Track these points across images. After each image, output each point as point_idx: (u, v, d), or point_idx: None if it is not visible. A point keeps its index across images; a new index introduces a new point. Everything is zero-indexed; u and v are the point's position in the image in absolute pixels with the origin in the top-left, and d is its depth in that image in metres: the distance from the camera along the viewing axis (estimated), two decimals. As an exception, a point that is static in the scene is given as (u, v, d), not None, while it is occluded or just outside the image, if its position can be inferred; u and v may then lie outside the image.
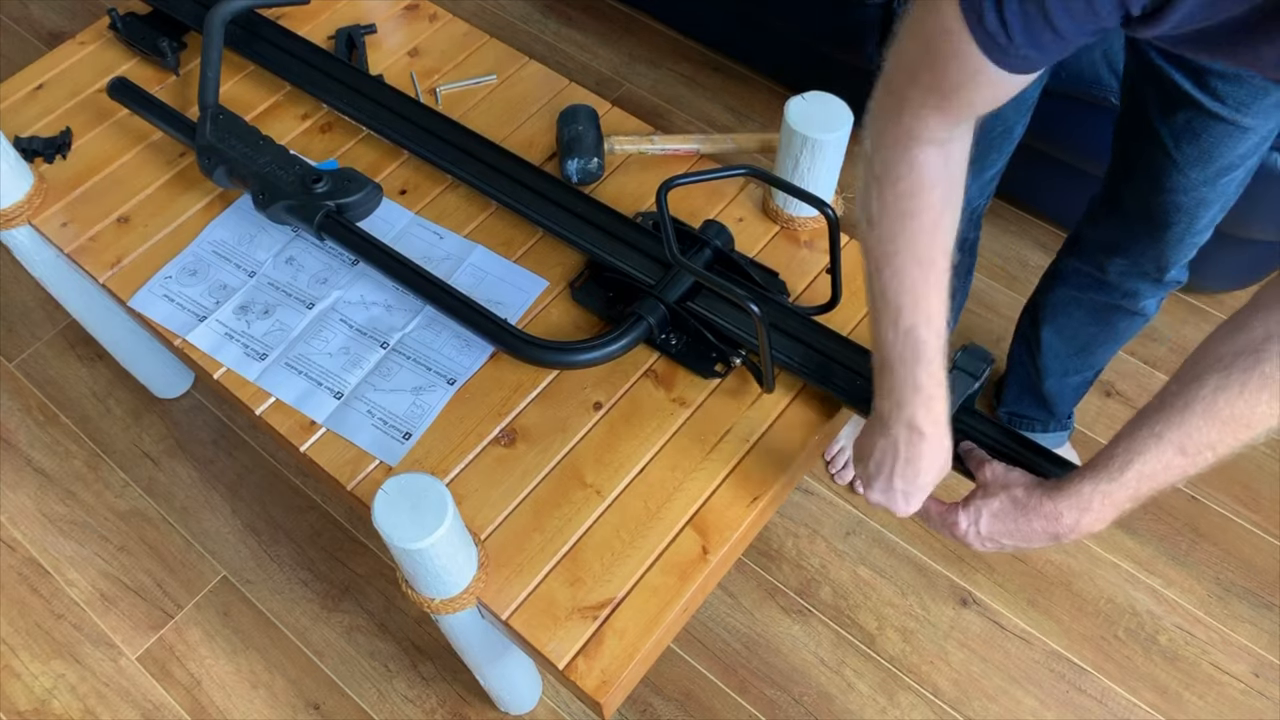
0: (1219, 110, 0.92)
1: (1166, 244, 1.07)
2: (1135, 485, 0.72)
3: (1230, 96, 0.90)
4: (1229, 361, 0.69)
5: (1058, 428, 1.45)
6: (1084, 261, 1.20)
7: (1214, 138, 0.94)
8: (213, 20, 1.18)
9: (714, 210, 1.12)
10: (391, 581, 1.41)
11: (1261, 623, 1.34)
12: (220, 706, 1.32)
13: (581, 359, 0.96)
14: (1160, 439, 0.71)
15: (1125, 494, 0.72)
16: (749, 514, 0.92)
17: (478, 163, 1.11)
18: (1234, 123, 0.92)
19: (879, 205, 0.70)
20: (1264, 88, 0.88)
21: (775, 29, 1.77)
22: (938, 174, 0.68)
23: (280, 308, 1.06)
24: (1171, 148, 0.98)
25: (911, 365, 0.73)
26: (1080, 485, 0.74)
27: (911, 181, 0.68)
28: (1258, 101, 0.90)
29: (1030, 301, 1.35)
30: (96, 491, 1.50)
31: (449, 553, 0.81)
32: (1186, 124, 0.95)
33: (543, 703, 1.31)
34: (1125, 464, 0.71)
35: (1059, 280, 1.25)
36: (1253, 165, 0.99)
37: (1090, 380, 1.38)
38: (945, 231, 0.70)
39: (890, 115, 0.66)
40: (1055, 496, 0.75)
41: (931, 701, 1.30)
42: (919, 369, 0.73)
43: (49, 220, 1.15)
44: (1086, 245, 1.19)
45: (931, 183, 0.68)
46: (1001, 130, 1.09)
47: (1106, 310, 1.22)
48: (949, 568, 1.40)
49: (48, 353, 1.64)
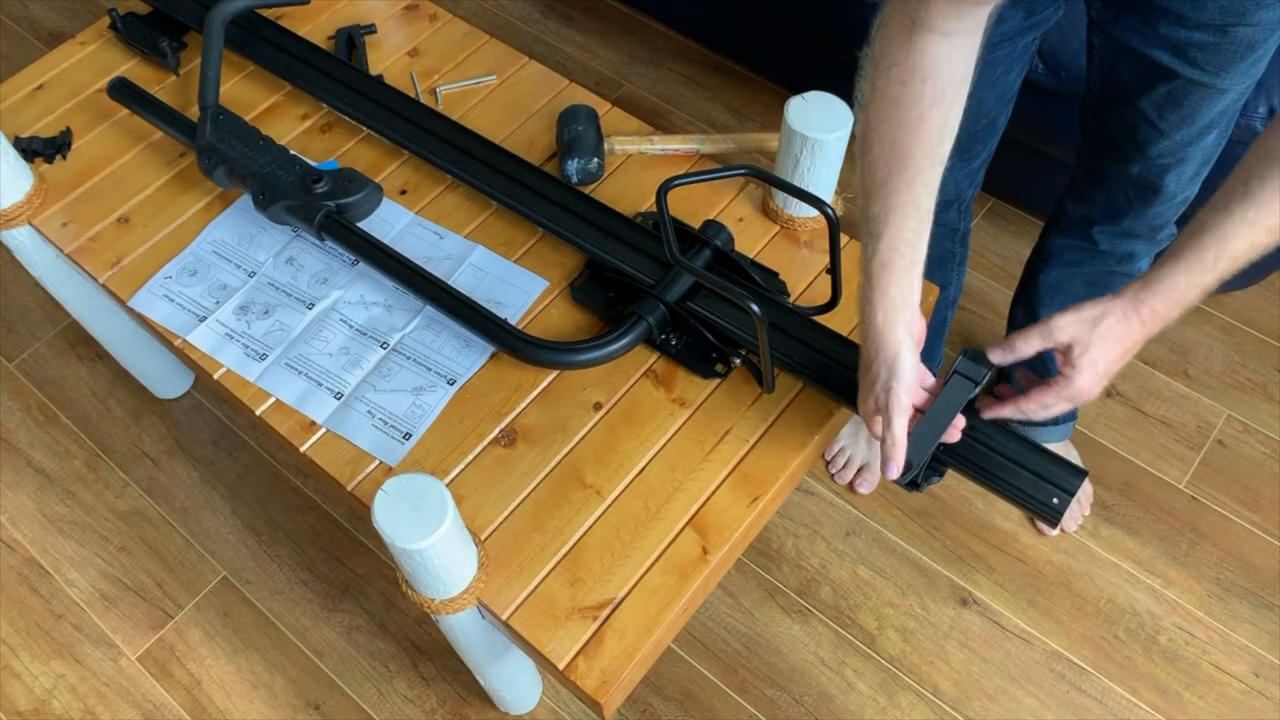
0: (1199, 77, 0.93)
1: (1158, 204, 1.09)
2: (1225, 269, 0.75)
3: (1210, 63, 0.91)
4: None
5: (1064, 419, 1.45)
6: (1072, 237, 1.21)
7: (1195, 101, 0.96)
8: (213, 20, 1.18)
9: (714, 210, 1.12)
10: (391, 581, 1.41)
11: (1261, 623, 1.34)
12: (220, 706, 1.32)
13: (581, 359, 0.96)
14: (1254, 224, 0.72)
15: (1213, 278, 0.75)
16: (749, 514, 0.92)
17: (478, 163, 1.11)
18: (1213, 86, 0.94)
19: (870, 88, 0.69)
20: (1241, 49, 0.90)
21: (775, 29, 1.77)
22: (934, 65, 0.66)
23: (280, 308, 1.06)
24: (1155, 118, 0.99)
25: (869, 261, 0.75)
26: (1174, 280, 0.76)
27: (906, 68, 0.67)
28: (1236, 63, 0.91)
29: (1020, 292, 1.35)
30: (96, 491, 1.50)
31: (449, 553, 0.81)
32: (1168, 95, 0.96)
33: (543, 703, 1.31)
34: (1219, 254, 0.74)
35: (1049, 262, 1.26)
36: (1230, 120, 1.01)
37: None
38: (930, 130, 0.69)
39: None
40: (1149, 298, 0.77)
41: (931, 701, 1.30)
42: (877, 270, 0.75)
43: (49, 220, 1.15)
44: (1073, 220, 1.20)
45: (925, 73, 0.67)
46: (985, 123, 1.10)
47: (1104, 278, 1.23)
48: (949, 568, 1.40)
49: (48, 353, 1.64)
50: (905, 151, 0.70)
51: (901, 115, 0.69)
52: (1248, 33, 0.88)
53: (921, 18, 0.64)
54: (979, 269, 1.68)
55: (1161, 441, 1.50)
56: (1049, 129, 1.45)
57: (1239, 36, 0.89)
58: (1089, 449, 1.50)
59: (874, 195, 0.72)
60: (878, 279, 0.76)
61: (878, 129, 0.70)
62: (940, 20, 0.64)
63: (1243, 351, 1.59)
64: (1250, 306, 1.63)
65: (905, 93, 0.68)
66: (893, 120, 0.69)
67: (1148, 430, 1.52)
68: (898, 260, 0.75)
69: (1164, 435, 1.51)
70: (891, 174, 0.71)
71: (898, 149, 0.70)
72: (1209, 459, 1.48)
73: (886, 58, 0.67)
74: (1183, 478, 1.47)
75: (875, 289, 0.77)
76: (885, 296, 0.77)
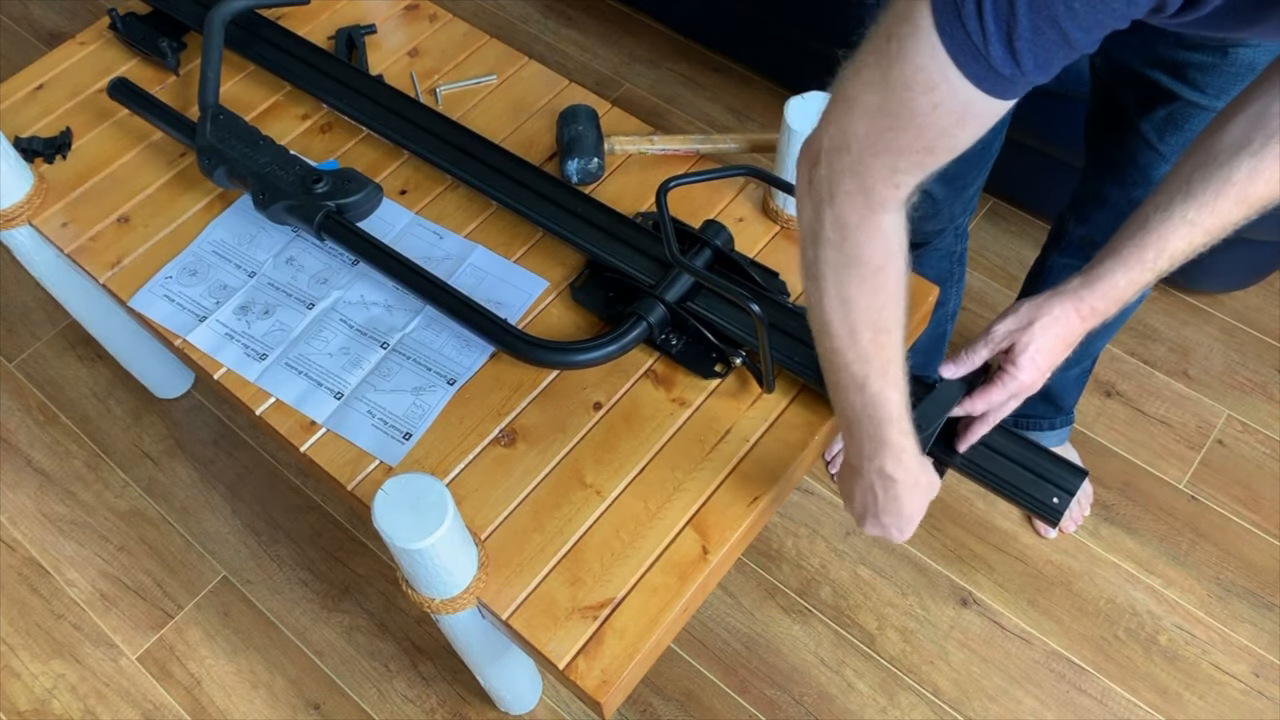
0: (1198, 99, 0.92)
1: None
2: (1163, 268, 0.74)
3: (1210, 85, 0.91)
4: (1259, 145, 0.68)
5: (1063, 423, 1.45)
6: (1072, 256, 1.20)
7: (1196, 124, 0.95)
8: (213, 20, 1.18)
9: (714, 210, 1.12)
10: (391, 581, 1.41)
11: (1261, 623, 1.34)
12: (220, 706, 1.32)
13: (581, 359, 0.96)
14: (1194, 225, 0.72)
15: (1152, 276, 0.75)
16: (749, 514, 0.92)
17: (478, 163, 1.11)
18: (1213, 109, 0.93)
19: (836, 277, 0.65)
20: (1241, 71, 0.89)
21: (775, 29, 1.77)
22: (901, 239, 0.64)
23: (280, 308, 1.06)
24: (1156, 141, 0.99)
25: (878, 424, 0.73)
26: (1115, 279, 0.76)
27: (880, 252, 0.63)
28: (1236, 86, 0.90)
29: (1022, 299, 1.35)
30: (96, 491, 1.50)
31: (449, 553, 0.81)
32: (1168, 117, 0.96)
33: (543, 703, 1.31)
34: (1159, 253, 0.73)
35: (1048, 280, 1.26)
36: None
37: (1089, 369, 1.38)
38: (906, 294, 0.67)
39: (854, 179, 0.60)
40: (1090, 296, 0.77)
41: (931, 701, 1.30)
42: (886, 427, 0.73)
43: (49, 220, 1.15)
44: (1074, 240, 1.19)
45: (897, 249, 0.64)
46: (980, 148, 1.09)
47: None
48: (949, 568, 1.40)
49: (48, 353, 1.64)
50: (893, 324, 0.67)
51: (885, 297, 0.66)
52: (1249, 54, 0.87)
53: (888, 200, 0.60)
54: (979, 269, 1.68)
55: (1161, 441, 1.50)
56: (1049, 129, 1.45)
57: (1240, 59, 0.87)
58: (1089, 449, 1.50)
59: (870, 375, 0.69)
60: (896, 441, 0.74)
61: (862, 316, 0.67)
62: (908, 191, 0.60)
63: (1243, 351, 1.59)
64: (1250, 306, 1.63)
65: (884, 278, 0.65)
66: (876, 306, 0.66)
67: (1148, 430, 1.52)
68: (906, 413, 0.73)
69: (1164, 435, 1.51)
70: (883, 348, 0.68)
71: (883, 324, 0.67)
72: (1209, 459, 1.48)
73: (855, 248, 0.63)
74: (1182, 478, 1.47)
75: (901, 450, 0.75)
76: (907, 453, 0.75)
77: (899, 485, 0.77)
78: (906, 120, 0.56)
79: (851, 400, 0.72)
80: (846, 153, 0.59)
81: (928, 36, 0.52)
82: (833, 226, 0.63)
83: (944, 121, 0.55)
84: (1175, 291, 1.65)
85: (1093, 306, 0.78)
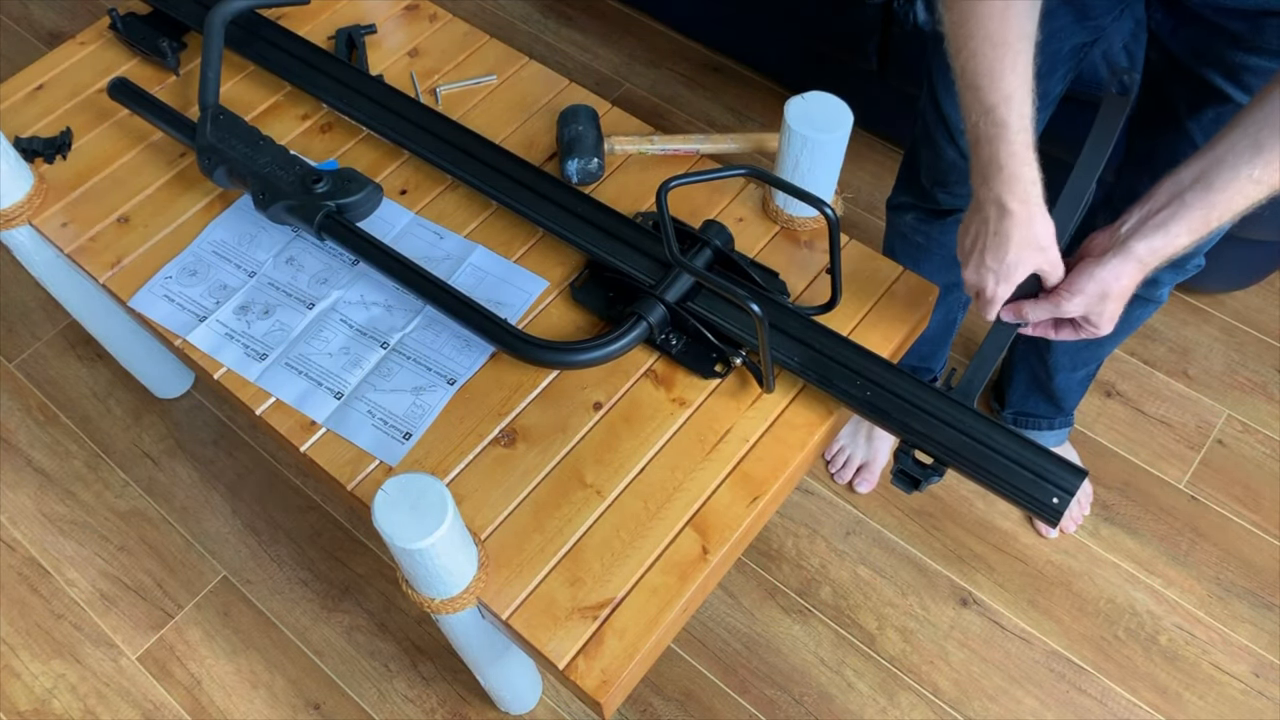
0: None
1: None
2: (1221, 225, 0.77)
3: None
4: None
5: (1063, 424, 1.45)
6: None
7: None
8: (213, 20, 1.18)
9: (714, 210, 1.12)
10: (391, 581, 1.41)
11: (1261, 623, 1.34)
12: (220, 706, 1.32)
13: (581, 359, 0.96)
14: (1259, 184, 0.75)
15: (1208, 233, 0.78)
16: (749, 514, 0.92)
17: (478, 163, 1.11)
18: None
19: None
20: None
21: (775, 29, 1.77)
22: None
23: (280, 308, 1.06)
24: (1201, 142, 0.97)
25: (994, 144, 0.78)
26: (1178, 240, 0.78)
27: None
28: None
29: None
30: (96, 491, 1.50)
31: (449, 553, 0.81)
32: (1216, 119, 0.95)
33: (543, 703, 1.31)
34: (1224, 212, 0.76)
35: None
36: None
37: (1094, 373, 1.38)
38: (1018, 14, 0.73)
39: None
40: (1151, 259, 0.80)
41: (931, 701, 1.30)
42: (1000, 148, 0.77)
43: (49, 220, 1.15)
44: None
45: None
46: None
47: None
48: (949, 568, 1.40)
49: (48, 353, 1.64)
50: (1001, 40, 0.74)
51: (987, 8, 0.73)
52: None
53: None
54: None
55: (1161, 441, 1.50)
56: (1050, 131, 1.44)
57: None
58: (1089, 449, 1.50)
59: (984, 87, 0.76)
60: (1010, 166, 0.78)
61: (967, 25, 0.75)
62: None
63: (1243, 351, 1.59)
64: (1250, 306, 1.64)
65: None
66: (979, 14, 0.74)
67: (1148, 430, 1.52)
68: (1027, 140, 0.78)
69: (1164, 435, 1.51)
70: (996, 62, 0.75)
71: (991, 37, 0.74)
72: (1209, 459, 1.48)
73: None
74: (1182, 477, 1.47)
75: (1015, 176, 0.79)
76: (1022, 182, 0.79)
77: (1012, 219, 0.79)
78: None
79: (971, 118, 0.78)
80: None
81: None
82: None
83: None
84: (1175, 291, 1.64)
85: (1154, 265, 0.80)
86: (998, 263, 0.82)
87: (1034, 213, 0.80)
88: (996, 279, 0.83)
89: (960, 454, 0.88)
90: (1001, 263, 0.82)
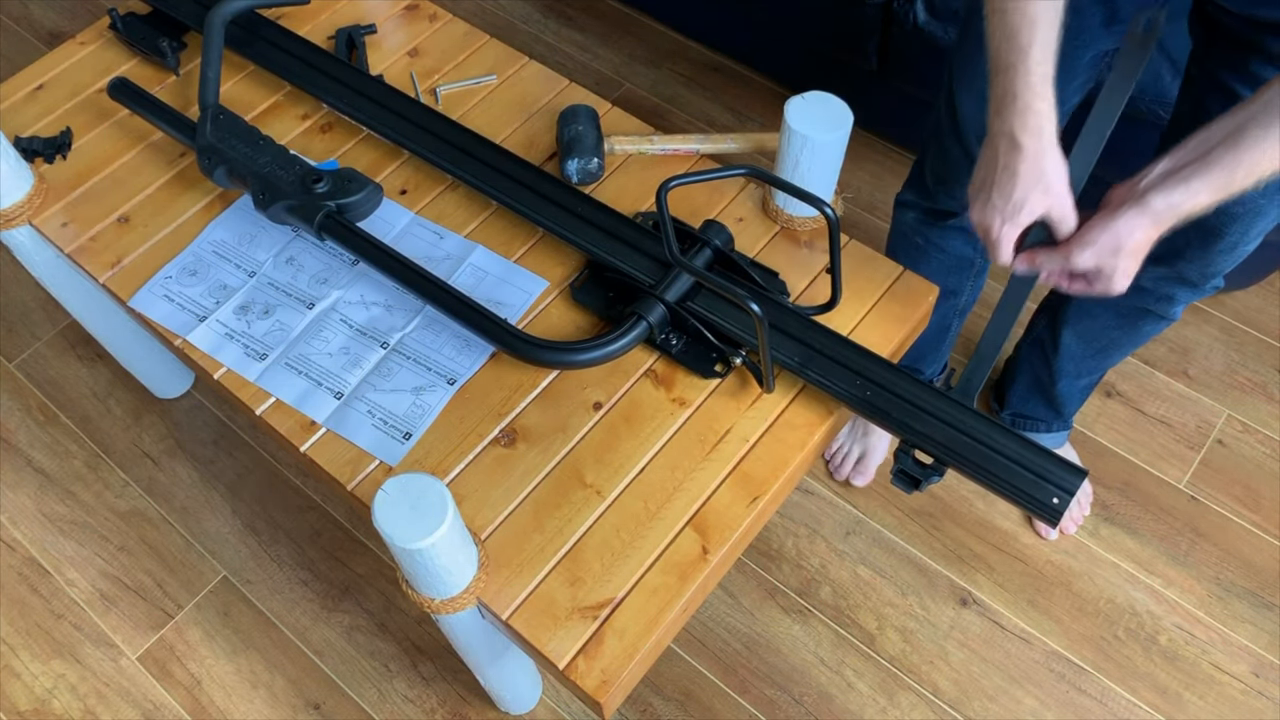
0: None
1: (1217, 253, 1.04)
2: (1247, 188, 0.76)
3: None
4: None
5: (1060, 428, 1.45)
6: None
7: None
8: (213, 20, 1.18)
9: (714, 210, 1.12)
10: (391, 581, 1.41)
11: (1261, 623, 1.34)
12: (220, 706, 1.32)
13: (581, 359, 0.96)
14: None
15: (1230, 195, 0.76)
16: (749, 514, 0.92)
17: (478, 163, 1.11)
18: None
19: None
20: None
21: (775, 29, 1.77)
22: None
23: (280, 308, 1.06)
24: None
25: (1012, 72, 0.77)
26: (1199, 199, 0.77)
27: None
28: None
29: (1047, 304, 1.33)
30: (96, 491, 1.50)
31: (449, 553, 0.81)
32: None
33: (543, 703, 1.31)
34: (1249, 173, 0.75)
35: None
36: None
37: (1096, 382, 1.37)
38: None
39: None
40: (1170, 218, 0.79)
41: (931, 701, 1.30)
42: (1018, 77, 0.77)
43: (49, 220, 1.15)
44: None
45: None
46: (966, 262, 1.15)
47: (1136, 314, 1.19)
48: (949, 568, 1.40)
49: (48, 353, 1.64)
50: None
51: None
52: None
53: None
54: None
55: (1161, 441, 1.50)
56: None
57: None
58: (1089, 449, 1.50)
59: (1010, 11, 0.76)
60: (1023, 97, 0.78)
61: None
62: None
63: (1243, 351, 1.59)
64: (1250, 306, 1.64)
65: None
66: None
67: (1148, 430, 1.52)
68: (1044, 74, 0.78)
69: (1164, 435, 1.51)
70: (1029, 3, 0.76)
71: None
72: (1209, 459, 1.49)
73: None
74: (1182, 477, 1.47)
75: (1028, 108, 0.78)
76: (1035, 116, 0.78)
77: (1021, 154, 0.79)
78: None
79: (992, 42, 0.78)
80: None
81: None
82: None
83: None
84: (1175, 291, 1.65)
85: (1170, 224, 0.79)
86: (1004, 200, 0.81)
87: (1044, 148, 0.79)
88: (1002, 218, 0.82)
89: (960, 454, 0.88)
90: (1008, 200, 0.80)
